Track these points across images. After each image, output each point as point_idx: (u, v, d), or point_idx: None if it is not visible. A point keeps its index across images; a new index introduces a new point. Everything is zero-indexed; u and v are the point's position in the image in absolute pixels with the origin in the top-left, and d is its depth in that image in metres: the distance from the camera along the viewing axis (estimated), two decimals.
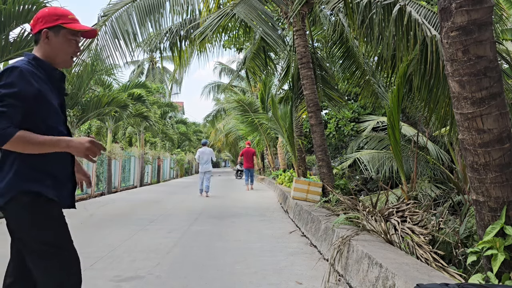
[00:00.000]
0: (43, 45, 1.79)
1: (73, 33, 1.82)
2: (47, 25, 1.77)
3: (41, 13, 1.81)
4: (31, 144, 1.61)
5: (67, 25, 1.78)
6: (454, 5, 2.53)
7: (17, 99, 1.60)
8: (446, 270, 2.80)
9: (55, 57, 1.81)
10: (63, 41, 1.80)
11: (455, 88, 2.60)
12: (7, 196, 1.66)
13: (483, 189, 2.55)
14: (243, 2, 6.92)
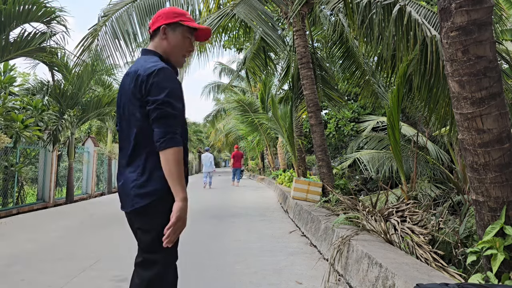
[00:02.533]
0: (160, 41, 1.83)
1: (190, 31, 1.85)
2: (167, 21, 1.81)
3: (162, 11, 1.85)
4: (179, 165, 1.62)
5: (185, 22, 1.82)
6: (454, 5, 2.54)
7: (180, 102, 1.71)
8: (446, 270, 2.80)
9: (171, 54, 1.83)
10: (180, 38, 1.83)
11: (455, 88, 2.61)
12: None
13: (483, 189, 2.55)
14: (243, 2, 6.92)
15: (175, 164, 1.59)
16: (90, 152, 13.53)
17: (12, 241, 5.17)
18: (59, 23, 8.27)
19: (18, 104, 7.30)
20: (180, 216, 1.60)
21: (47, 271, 3.72)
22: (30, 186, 10.45)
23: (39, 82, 10.72)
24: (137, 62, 1.79)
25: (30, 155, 9.79)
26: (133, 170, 1.72)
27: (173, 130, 1.62)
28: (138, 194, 1.69)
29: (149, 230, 1.72)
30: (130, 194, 1.70)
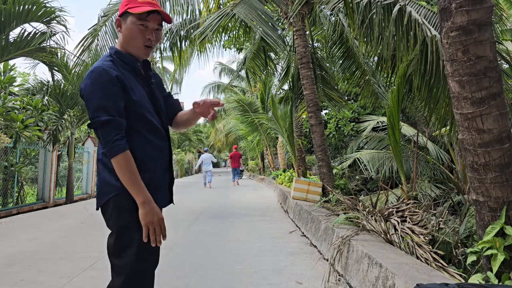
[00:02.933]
0: (119, 35, 1.74)
1: (139, 17, 1.67)
2: (120, 12, 1.71)
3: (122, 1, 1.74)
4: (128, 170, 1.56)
5: (132, 9, 1.66)
6: (454, 5, 2.54)
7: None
8: (446, 270, 2.80)
9: (128, 47, 1.72)
10: (131, 27, 1.68)
11: (455, 88, 2.60)
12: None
13: (483, 189, 2.55)
14: (243, 2, 6.92)
15: (123, 171, 1.54)
16: (90, 152, 13.52)
17: (12, 241, 5.17)
18: (59, 23, 8.27)
19: (18, 104, 7.30)
20: (146, 222, 1.56)
21: (47, 271, 3.71)
22: (30, 186, 10.46)
23: (39, 82, 10.71)
24: None
25: (30, 155, 9.79)
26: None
27: (111, 138, 1.55)
28: (97, 194, 1.69)
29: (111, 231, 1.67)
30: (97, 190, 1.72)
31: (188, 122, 1.95)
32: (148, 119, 1.69)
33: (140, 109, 1.66)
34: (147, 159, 1.66)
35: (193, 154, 37.50)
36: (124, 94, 1.61)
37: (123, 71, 1.67)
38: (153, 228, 1.57)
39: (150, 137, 1.69)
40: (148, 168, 1.66)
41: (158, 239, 1.60)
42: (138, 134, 1.65)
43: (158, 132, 1.72)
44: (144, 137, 1.66)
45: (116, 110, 1.58)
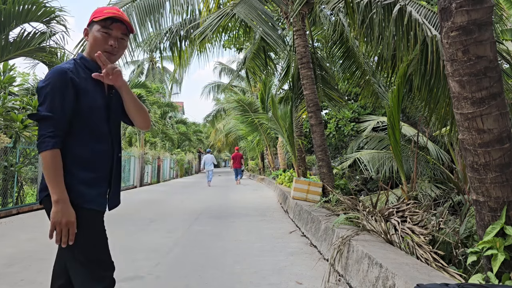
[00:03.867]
0: (87, 43, 1.82)
1: (103, 25, 1.75)
2: (88, 23, 1.82)
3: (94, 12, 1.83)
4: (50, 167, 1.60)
5: (97, 18, 1.75)
6: (454, 5, 2.53)
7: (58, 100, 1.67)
8: (446, 270, 2.80)
9: (91, 54, 1.77)
10: (96, 35, 1.76)
11: (455, 88, 2.60)
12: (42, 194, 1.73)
13: (483, 189, 2.54)
14: (243, 2, 6.92)
15: (46, 167, 1.60)
16: None
17: (12, 241, 5.16)
18: (58, 23, 8.26)
19: (18, 104, 7.30)
20: (54, 220, 1.58)
21: (47, 271, 3.70)
22: (30, 186, 10.45)
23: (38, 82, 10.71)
24: None
25: (29, 155, 9.78)
26: None
27: (43, 133, 1.62)
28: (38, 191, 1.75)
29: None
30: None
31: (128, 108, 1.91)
32: (93, 123, 1.75)
33: (87, 113, 1.72)
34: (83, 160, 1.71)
35: (193, 154, 37.48)
36: (75, 96, 1.69)
37: (82, 75, 1.74)
38: (59, 229, 1.59)
39: (90, 140, 1.74)
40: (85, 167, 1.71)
41: (63, 240, 1.60)
42: (78, 136, 1.70)
43: (101, 137, 1.77)
44: (83, 139, 1.72)
45: (59, 109, 1.64)
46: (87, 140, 1.72)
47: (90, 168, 1.72)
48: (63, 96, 1.65)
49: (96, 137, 1.75)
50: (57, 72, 1.67)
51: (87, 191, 1.70)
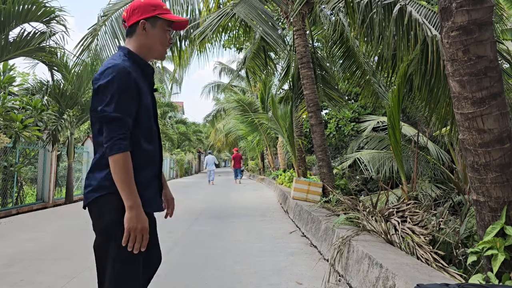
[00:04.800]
0: (139, 37, 1.74)
1: (169, 24, 1.77)
2: (145, 15, 1.72)
3: (137, 4, 1.74)
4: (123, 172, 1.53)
5: (164, 15, 1.74)
6: (455, 5, 2.53)
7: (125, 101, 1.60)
8: (447, 270, 2.80)
9: (151, 48, 1.75)
10: (160, 32, 1.75)
11: (456, 88, 2.60)
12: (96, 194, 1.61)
13: (484, 189, 2.54)
14: (243, 2, 6.91)
15: (118, 170, 1.52)
16: (89, 152, 13.51)
17: (12, 241, 5.16)
18: (58, 23, 8.25)
19: (18, 104, 7.29)
20: (129, 226, 1.53)
21: (47, 271, 3.71)
22: (30, 186, 10.45)
23: (38, 82, 10.69)
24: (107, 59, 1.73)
25: (29, 155, 9.77)
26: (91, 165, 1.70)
27: (115, 135, 1.54)
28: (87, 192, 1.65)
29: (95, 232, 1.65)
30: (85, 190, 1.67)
31: None
32: (148, 125, 1.71)
33: (145, 114, 1.68)
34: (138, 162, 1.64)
35: (193, 154, 37.47)
36: (138, 97, 1.64)
37: (138, 73, 1.69)
38: (134, 235, 1.54)
39: (143, 141, 1.69)
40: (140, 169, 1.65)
41: (136, 246, 1.55)
42: (133, 137, 1.64)
43: (151, 136, 1.74)
44: (138, 140, 1.66)
45: (127, 110, 1.58)
46: (140, 140, 1.67)
47: (144, 169, 1.67)
48: (130, 97, 1.59)
49: (147, 137, 1.71)
50: (122, 71, 1.59)
51: (145, 193, 1.65)
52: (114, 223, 1.56)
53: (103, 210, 1.59)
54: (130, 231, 1.53)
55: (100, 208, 1.60)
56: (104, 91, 1.57)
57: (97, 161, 1.64)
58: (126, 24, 1.76)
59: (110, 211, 1.58)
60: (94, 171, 1.64)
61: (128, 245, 1.54)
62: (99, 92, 1.59)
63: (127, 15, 1.74)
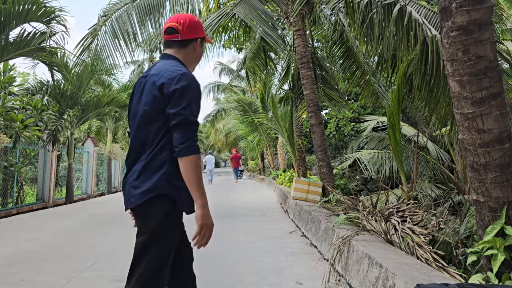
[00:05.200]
0: (190, 52, 1.90)
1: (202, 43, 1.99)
2: (199, 35, 1.92)
3: (193, 21, 1.88)
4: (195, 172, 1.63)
5: (207, 39, 2.00)
6: (454, 5, 2.53)
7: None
8: (446, 270, 2.80)
9: (192, 64, 1.94)
10: (202, 51, 1.99)
11: (455, 88, 2.60)
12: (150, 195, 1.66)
13: (483, 189, 2.54)
14: (243, 2, 6.91)
15: (192, 170, 1.62)
16: (89, 152, 13.52)
17: (12, 241, 5.16)
18: (59, 23, 8.26)
19: (18, 104, 7.29)
20: (202, 222, 1.63)
21: (47, 271, 3.71)
22: (30, 186, 10.45)
23: (38, 82, 10.71)
24: (160, 64, 1.82)
25: (29, 155, 9.78)
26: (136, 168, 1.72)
27: (192, 137, 1.65)
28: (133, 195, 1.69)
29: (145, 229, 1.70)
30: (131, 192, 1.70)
31: None
32: None
33: None
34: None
35: None
36: None
37: None
38: (205, 231, 1.64)
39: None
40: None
41: (203, 242, 1.66)
42: None
43: None
44: None
45: (197, 115, 1.73)
46: None
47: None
48: (200, 104, 1.75)
49: None
50: (194, 79, 1.74)
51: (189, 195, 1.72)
52: (165, 224, 1.66)
53: (155, 211, 1.67)
54: (203, 227, 1.64)
55: (152, 209, 1.67)
56: (180, 96, 1.66)
57: (149, 162, 1.69)
58: (180, 36, 1.85)
59: (163, 213, 1.66)
60: (146, 173, 1.68)
61: (196, 240, 1.65)
62: (175, 96, 1.67)
63: (183, 29, 1.85)
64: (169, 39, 1.86)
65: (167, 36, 1.87)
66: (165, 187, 1.65)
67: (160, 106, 1.68)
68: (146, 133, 1.71)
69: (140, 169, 1.69)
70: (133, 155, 1.76)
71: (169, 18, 1.91)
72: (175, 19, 1.87)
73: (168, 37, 1.86)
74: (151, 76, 1.77)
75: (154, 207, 1.66)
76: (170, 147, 1.68)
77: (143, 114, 1.72)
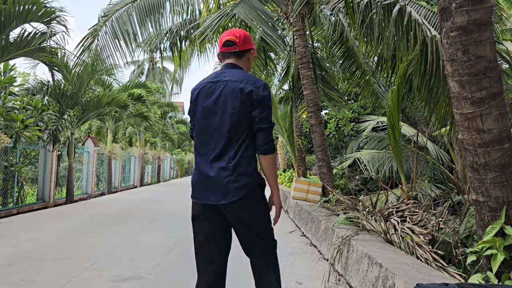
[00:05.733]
0: (247, 61, 2.22)
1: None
2: (252, 46, 2.23)
3: (246, 35, 2.19)
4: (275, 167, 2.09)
5: (254, 51, 2.28)
6: (454, 5, 2.53)
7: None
8: (446, 270, 2.80)
9: (249, 70, 2.27)
10: (252, 61, 2.29)
11: (455, 88, 2.60)
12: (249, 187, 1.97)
13: (483, 189, 2.54)
14: (243, 2, 6.92)
15: (273, 166, 2.03)
16: (90, 152, 13.52)
17: (12, 241, 5.16)
18: (59, 23, 8.26)
19: (18, 104, 7.30)
20: (280, 206, 2.16)
21: (47, 271, 3.71)
22: (30, 186, 10.45)
23: (39, 82, 10.71)
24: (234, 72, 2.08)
25: (30, 155, 9.78)
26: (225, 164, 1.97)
27: (272, 138, 2.02)
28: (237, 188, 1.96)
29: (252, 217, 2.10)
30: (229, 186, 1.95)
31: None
32: None
33: None
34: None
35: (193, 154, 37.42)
36: None
37: None
38: (279, 212, 2.16)
39: None
40: None
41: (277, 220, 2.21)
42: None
43: None
44: None
45: None
46: None
47: None
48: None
49: None
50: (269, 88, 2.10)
51: None
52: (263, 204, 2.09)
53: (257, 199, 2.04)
54: (280, 210, 2.17)
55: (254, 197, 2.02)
56: (266, 103, 2.01)
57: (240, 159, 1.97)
58: (238, 47, 2.14)
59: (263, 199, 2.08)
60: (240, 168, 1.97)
61: (277, 220, 2.19)
62: (262, 102, 2.00)
63: (240, 41, 2.15)
64: (227, 50, 2.15)
65: (226, 48, 2.15)
66: (256, 178, 2.00)
67: (247, 110, 1.97)
68: (233, 133, 1.97)
69: (233, 166, 1.96)
70: (218, 151, 1.99)
71: (225, 33, 2.18)
72: (231, 33, 2.16)
73: (226, 49, 2.15)
74: (230, 82, 2.03)
75: (254, 195, 2.01)
76: (252, 146, 2.00)
77: (231, 115, 1.98)
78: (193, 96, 2.13)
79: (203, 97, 2.07)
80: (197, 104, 2.09)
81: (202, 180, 2.01)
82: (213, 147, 1.99)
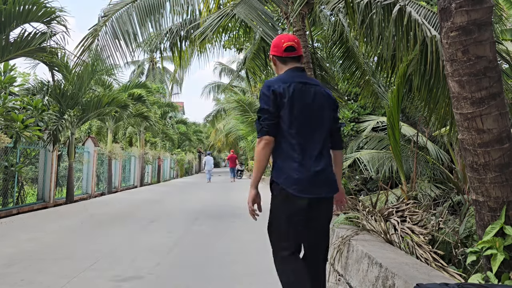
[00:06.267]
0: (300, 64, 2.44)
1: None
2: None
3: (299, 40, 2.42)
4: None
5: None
6: (454, 5, 2.54)
7: None
8: (446, 270, 2.80)
9: None
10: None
11: (455, 88, 2.60)
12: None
13: (483, 189, 2.55)
14: (243, 3, 6.92)
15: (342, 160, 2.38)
16: (90, 152, 13.53)
17: (12, 241, 5.17)
18: (59, 23, 8.26)
19: (18, 104, 7.30)
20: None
21: (47, 271, 3.72)
22: (30, 186, 10.46)
23: (39, 82, 10.71)
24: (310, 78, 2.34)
25: (30, 155, 9.79)
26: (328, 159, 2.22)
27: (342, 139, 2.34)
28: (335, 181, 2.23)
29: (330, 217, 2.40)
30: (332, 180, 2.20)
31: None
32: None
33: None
34: None
35: (193, 154, 37.46)
36: None
37: None
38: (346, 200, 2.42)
39: None
40: None
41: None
42: None
43: None
44: None
45: None
46: None
47: None
48: None
49: None
50: None
51: None
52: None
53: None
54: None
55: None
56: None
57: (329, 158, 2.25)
58: (297, 52, 2.33)
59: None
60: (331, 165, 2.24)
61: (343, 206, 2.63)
62: (337, 108, 2.40)
63: (298, 46, 2.35)
64: (291, 55, 2.31)
65: (290, 53, 2.30)
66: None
67: (332, 114, 2.29)
68: (326, 134, 2.24)
69: (330, 161, 2.24)
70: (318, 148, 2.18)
71: (285, 38, 2.33)
72: (292, 38, 2.34)
73: (290, 53, 2.30)
74: (318, 87, 2.30)
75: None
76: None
77: (328, 118, 2.26)
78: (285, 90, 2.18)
79: (299, 94, 2.20)
80: (293, 99, 2.19)
81: (309, 175, 2.11)
82: (317, 143, 2.18)
